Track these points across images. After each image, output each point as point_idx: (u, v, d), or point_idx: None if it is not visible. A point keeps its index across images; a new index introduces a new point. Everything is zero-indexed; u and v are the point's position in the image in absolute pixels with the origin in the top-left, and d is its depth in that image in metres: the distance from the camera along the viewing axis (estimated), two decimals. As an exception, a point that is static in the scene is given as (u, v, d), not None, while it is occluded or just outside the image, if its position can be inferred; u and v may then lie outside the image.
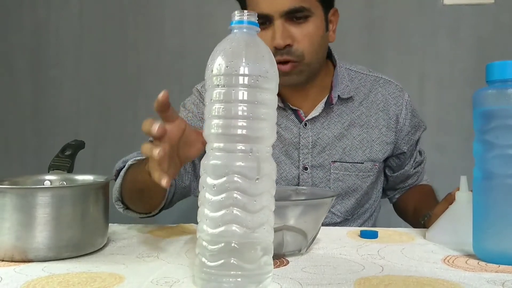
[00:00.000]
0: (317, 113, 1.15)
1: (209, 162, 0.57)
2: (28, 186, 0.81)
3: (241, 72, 0.56)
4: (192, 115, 1.17)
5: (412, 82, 1.91)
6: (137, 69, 2.13)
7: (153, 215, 1.03)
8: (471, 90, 0.76)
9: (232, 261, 0.56)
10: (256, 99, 0.56)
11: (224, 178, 0.56)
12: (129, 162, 1.01)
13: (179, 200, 1.14)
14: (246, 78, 0.56)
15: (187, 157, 0.77)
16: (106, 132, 2.13)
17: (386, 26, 1.94)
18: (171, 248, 0.79)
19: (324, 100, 1.16)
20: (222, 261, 0.56)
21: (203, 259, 0.57)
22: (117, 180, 1.01)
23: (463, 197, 0.84)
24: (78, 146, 0.94)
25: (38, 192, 0.71)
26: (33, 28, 2.18)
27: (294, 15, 1.05)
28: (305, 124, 1.15)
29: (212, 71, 0.58)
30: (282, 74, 1.06)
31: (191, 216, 1.27)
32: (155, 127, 0.67)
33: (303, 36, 1.07)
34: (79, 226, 0.73)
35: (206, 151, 0.59)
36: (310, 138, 1.15)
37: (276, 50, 1.05)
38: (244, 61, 0.56)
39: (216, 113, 0.57)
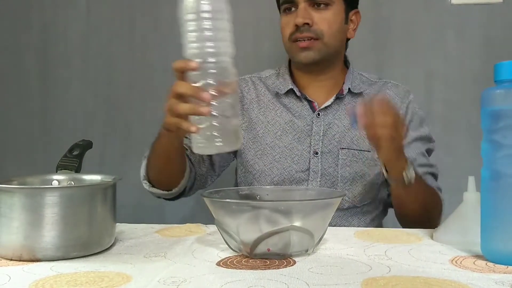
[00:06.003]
0: (329, 103, 1.25)
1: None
2: (36, 186, 0.82)
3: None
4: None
5: (419, 82, 1.90)
6: (145, 68, 2.13)
7: (174, 198, 1.18)
8: (478, 89, 0.75)
9: None
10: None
11: None
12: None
13: (199, 189, 1.25)
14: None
15: None
16: (113, 132, 2.13)
17: (393, 25, 1.93)
18: (178, 247, 0.79)
19: (337, 92, 1.27)
20: None
21: None
22: (143, 161, 1.15)
23: (471, 197, 0.83)
24: (86, 146, 0.94)
25: (46, 192, 0.71)
26: (41, 28, 2.19)
27: (316, 1, 1.20)
28: (318, 114, 1.25)
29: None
30: (300, 50, 1.21)
31: (198, 216, 1.27)
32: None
33: (322, 19, 1.21)
34: (87, 225, 0.73)
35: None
36: (322, 126, 1.25)
37: (297, 28, 1.20)
38: None
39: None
